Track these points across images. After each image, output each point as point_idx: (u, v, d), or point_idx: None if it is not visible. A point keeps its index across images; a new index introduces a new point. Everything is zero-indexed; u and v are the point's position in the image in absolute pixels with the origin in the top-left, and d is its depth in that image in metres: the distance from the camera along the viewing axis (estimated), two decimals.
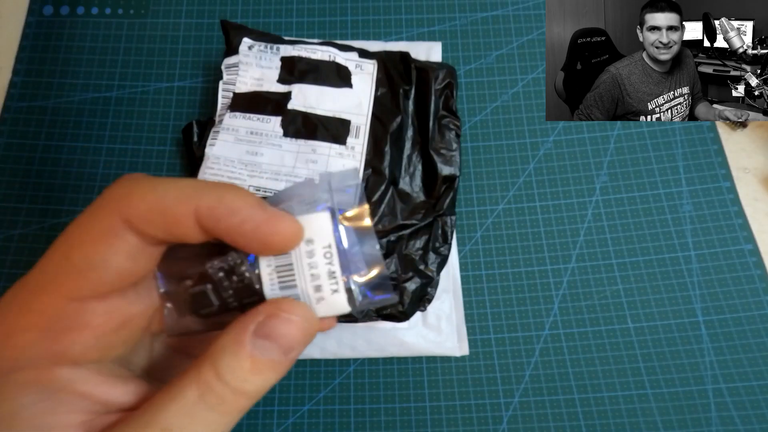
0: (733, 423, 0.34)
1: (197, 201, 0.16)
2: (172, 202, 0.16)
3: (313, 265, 0.17)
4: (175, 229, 0.16)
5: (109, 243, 0.16)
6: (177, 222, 0.16)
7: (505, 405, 0.35)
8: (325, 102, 0.37)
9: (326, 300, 0.18)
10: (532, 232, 0.39)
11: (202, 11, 0.45)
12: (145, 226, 0.16)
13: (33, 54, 0.43)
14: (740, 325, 0.36)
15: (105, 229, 0.16)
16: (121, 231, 0.16)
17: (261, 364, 0.16)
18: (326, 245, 0.17)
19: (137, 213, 0.16)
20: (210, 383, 0.16)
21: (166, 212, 0.16)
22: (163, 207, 0.16)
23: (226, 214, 0.16)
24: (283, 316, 0.17)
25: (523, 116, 0.42)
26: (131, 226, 0.16)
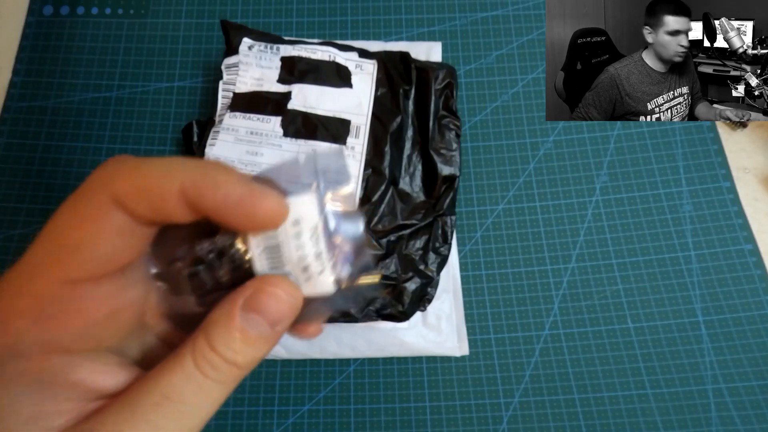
0: (733, 423, 0.34)
1: (181, 177, 0.16)
2: (156, 179, 0.16)
3: (300, 246, 0.18)
4: (162, 207, 0.16)
5: (97, 222, 0.16)
6: (162, 199, 0.16)
7: (505, 405, 0.35)
8: (325, 102, 0.37)
9: (312, 280, 0.18)
10: (532, 232, 0.39)
11: (202, 11, 0.45)
12: (132, 204, 0.16)
13: (33, 54, 0.43)
14: (740, 325, 0.36)
15: (93, 208, 0.16)
16: (109, 210, 0.16)
17: (250, 337, 0.17)
18: (312, 226, 0.18)
19: (124, 191, 0.16)
20: (205, 354, 0.17)
21: (152, 189, 0.16)
22: (148, 184, 0.16)
23: (210, 189, 0.16)
24: (269, 290, 0.17)
25: (523, 116, 0.42)
26: (119, 204, 0.16)
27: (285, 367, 0.36)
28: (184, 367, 0.16)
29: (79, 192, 0.17)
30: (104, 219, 0.16)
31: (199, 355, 0.17)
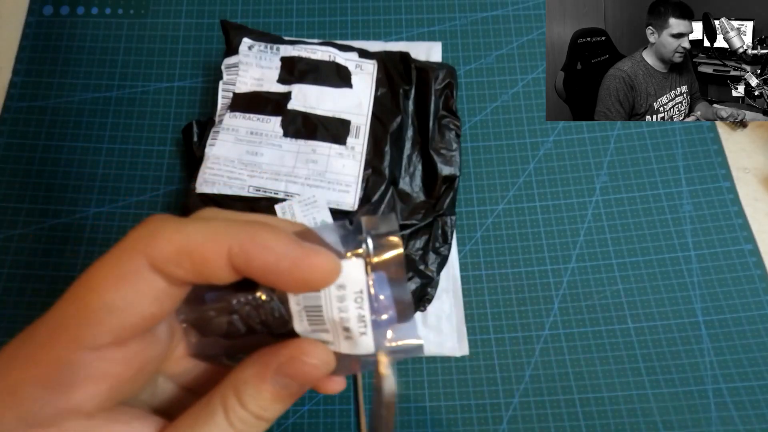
0: (733, 423, 0.34)
1: (229, 240, 0.16)
2: (201, 242, 0.16)
3: (344, 309, 0.17)
4: (205, 270, 0.16)
5: (133, 286, 0.16)
6: (206, 263, 0.16)
7: (505, 405, 0.35)
8: (325, 102, 0.37)
9: (352, 340, 0.18)
10: (532, 232, 0.39)
11: (202, 11, 0.44)
12: (172, 268, 0.16)
13: (33, 54, 0.43)
14: (740, 325, 0.36)
15: (128, 271, 0.16)
16: (145, 273, 0.16)
17: (279, 396, 0.17)
18: (358, 291, 0.17)
19: (163, 254, 0.16)
20: (236, 410, 0.17)
21: (195, 253, 0.16)
22: (191, 248, 0.16)
23: (261, 253, 0.16)
24: (304, 360, 0.17)
25: (523, 116, 0.42)
26: (157, 268, 0.16)
27: None
28: (216, 421, 0.17)
29: (113, 252, 0.16)
30: (139, 283, 0.16)
31: (231, 411, 0.17)
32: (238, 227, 0.16)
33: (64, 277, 0.37)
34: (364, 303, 0.17)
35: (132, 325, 0.16)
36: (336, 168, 0.36)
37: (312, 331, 0.18)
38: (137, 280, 0.16)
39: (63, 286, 0.38)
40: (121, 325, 0.16)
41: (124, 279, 0.16)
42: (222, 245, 0.16)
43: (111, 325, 0.16)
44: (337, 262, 0.17)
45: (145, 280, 0.16)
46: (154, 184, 0.39)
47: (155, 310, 0.16)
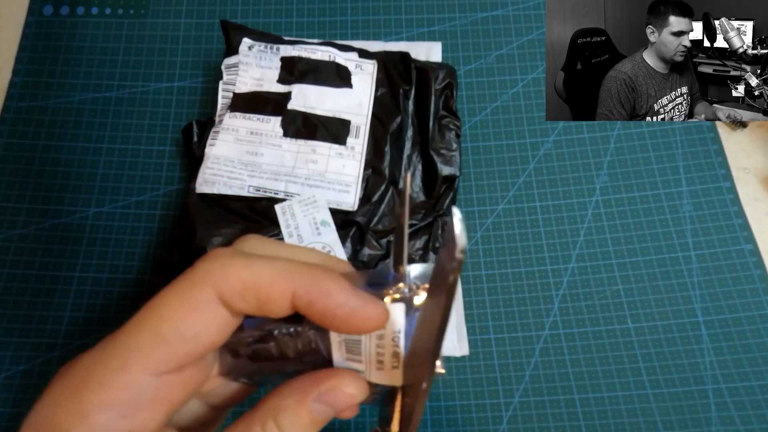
0: (733, 423, 0.34)
1: (294, 283, 0.17)
2: (267, 282, 0.17)
3: (381, 345, 0.19)
4: (266, 307, 0.17)
5: (202, 317, 0.17)
6: (269, 300, 0.17)
7: (505, 405, 0.35)
8: (325, 102, 0.37)
9: (384, 372, 0.19)
10: (532, 232, 0.39)
11: (202, 11, 0.45)
12: (237, 302, 0.17)
13: (33, 54, 0.43)
14: (740, 325, 0.36)
15: (199, 302, 0.17)
16: (213, 305, 0.17)
17: (316, 422, 0.19)
18: (397, 331, 0.19)
19: (232, 289, 0.17)
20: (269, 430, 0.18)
21: (262, 291, 0.17)
22: (258, 285, 0.17)
23: (323, 299, 0.17)
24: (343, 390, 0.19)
25: (523, 116, 0.42)
26: (224, 301, 0.17)
27: None
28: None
29: (183, 284, 0.17)
30: (209, 314, 0.17)
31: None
32: (303, 271, 0.18)
33: (64, 277, 0.37)
34: (400, 342, 0.19)
35: (196, 353, 0.17)
36: (336, 168, 0.36)
37: (346, 360, 0.19)
38: (206, 311, 0.17)
39: (63, 286, 0.39)
40: (188, 352, 0.17)
41: (194, 310, 0.17)
42: (288, 286, 0.17)
43: (179, 352, 0.17)
44: (386, 312, 0.18)
45: (212, 311, 0.17)
46: (154, 184, 0.39)
47: (217, 339, 0.18)
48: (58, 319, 0.36)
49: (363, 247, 0.35)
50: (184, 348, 0.17)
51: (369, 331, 0.18)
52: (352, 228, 0.35)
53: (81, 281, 0.37)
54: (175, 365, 0.17)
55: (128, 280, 0.37)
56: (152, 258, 0.37)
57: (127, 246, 0.38)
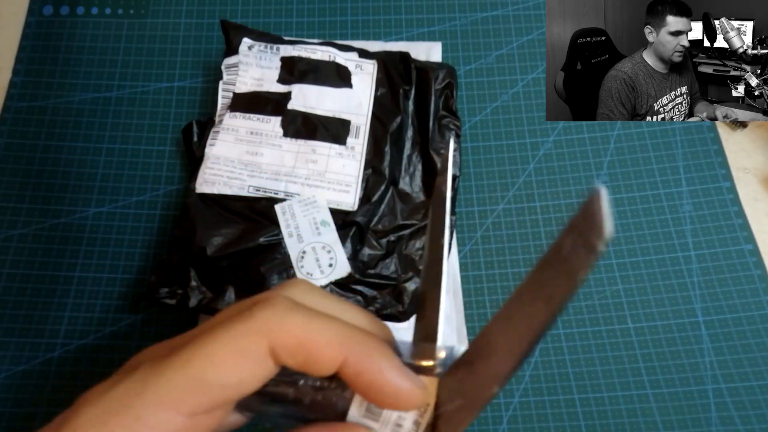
0: (733, 423, 0.34)
1: (348, 350, 0.17)
2: (323, 344, 0.17)
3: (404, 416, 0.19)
4: (313, 367, 0.17)
5: (250, 367, 0.17)
6: (318, 362, 0.17)
7: (505, 405, 0.35)
8: (325, 102, 0.37)
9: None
10: (532, 232, 0.39)
11: (202, 11, 0.44)
12: (286, 357, 0.17)
13: (33, 54, 0.43)
14: (740, 325, 0.36)
15: (252, 354, 0.17)
16: (263, 356, 0.17)
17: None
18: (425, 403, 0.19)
19: (285, 345, 0.17)
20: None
21: (313, 351, 0.17)
22: (312, 346, 0.17)
23: (373, 372, 0.17)
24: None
25: (523, 116, 0.42)
26: (274, 354, 0.17)
27: None
28: None
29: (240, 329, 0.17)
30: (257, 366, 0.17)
31: None
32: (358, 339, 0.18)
33: (64, 277, 0.37)
34: (426, 414, 0.19)
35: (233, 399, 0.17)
36: (336, 168, 0.36)
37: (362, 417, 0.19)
38: (255, 362, 0.17)
39: (63, 286, 0.39)
40: (226, 399, 0.17)
41: (245, 360, 0.17)
42: (341, 352, 0.17)
43: (218, 398, 0.17)
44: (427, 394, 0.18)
45: (261, 363, 0.17)
46: (154, 184, 0.39)
47: (257, 388, 0.17)
48: (58, 319, 0.36)
49: (363, 247, 0.35)
50: (224, 395, 0.17)
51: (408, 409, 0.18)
52: (352, 228, 0.35)
53: (81, 281, 0.37)
54: (210, 409, 0.17)
55: (128, 280, 0.37)
56: (152, 258, 0.37)
57: (127, 246, 0.38)
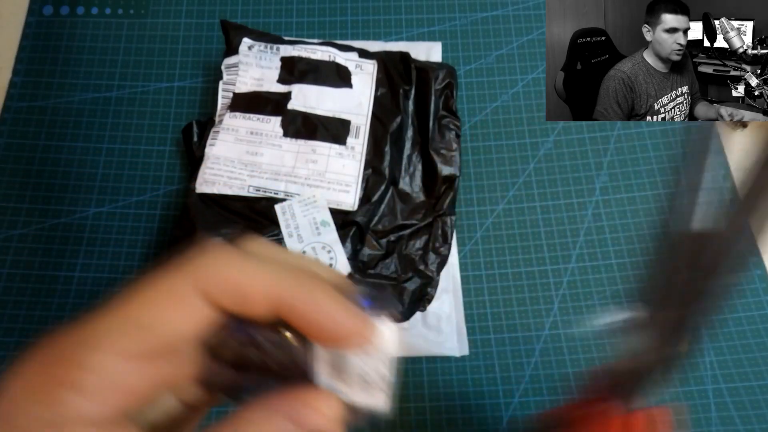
0: (733, 423, 0.34)
1: (282, 290, 0.17)
2: (255, 284, 0.17)
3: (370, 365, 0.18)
4: (248, 306, 0.17)
5: (179, 307, 0.16)
6: (254, 301, 0.17)
7: (505, 405, 0.35)
8: (325, 102, 0.37)
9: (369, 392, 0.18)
10: (532, 232, 0.39)
11: (202, 11, 0.44)
12: (219, 297, 0.17)
13: (33, 54, 0.43)
14: (740, 325, 0.36)
15: (181, 293, 0.16)
16: (193, 298, 0.16)
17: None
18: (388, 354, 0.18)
19: (216, 284, 0.16)
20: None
21: (245, 289, 0.17)
22: (242, 282, 0.17)
23: (310, 307, 0.17)
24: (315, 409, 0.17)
25: (523, 116, 0.42)
26: (205, 294, 0.16)
27: None
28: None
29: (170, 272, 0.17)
30: (188, 307, 0.16)
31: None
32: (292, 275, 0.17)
33: (64, 277, 0.37)
34: (391, 366, 0.18)
35: (170, 343, 0.17)
36: (336, 168, 0.36)
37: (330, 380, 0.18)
38: (186, 303, 0.16)
39: (63, 286, 0.39)
40: (161, 342, 0.16)
41: (174, 300, 0.16)
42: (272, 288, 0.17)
43: (152, 340, 0.16)
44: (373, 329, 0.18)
45: (192, 304, 0.16)
46: (154, 184, 0.39)
47: (193, 333, 0.17)
48: (58, 319, 0.36)
49: (363, 247, 0.35)
50: (157, 336, 0.16)
51: (351, 346, 0.17)
52: (352, 228, 0.35)
53: (81, 281, 0.37)
54: (147, 352, 0.16)
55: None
56: (152, 258, 0.37)
57: (127, 246, 0.38)
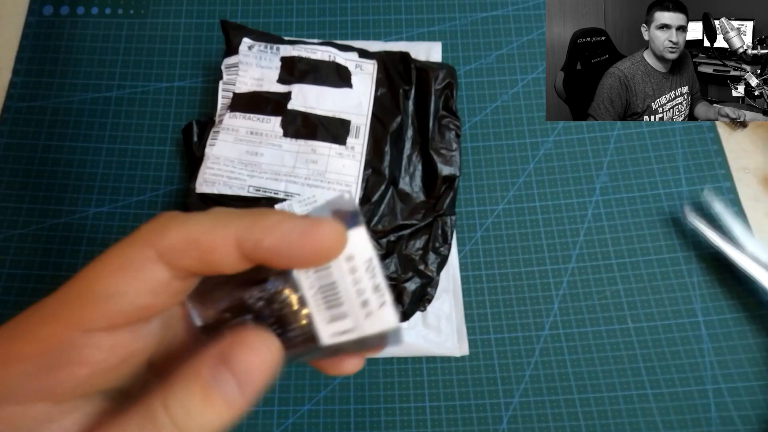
0: (732, 423, 0.34)
1: (236, 226, 0.16)
2: (207, 231, 0.16)
3: (358, 281, 0.17)
4: (212, 258, 0.16)
5: (135, 274, 0.16)
6: (214, 250, 0.16)
7: (505, 405, 0.35)
8: (325, 102, 0.37)
9: (374, 314, 0.17)
10: (532, 232, 0.39)
11: (202, 11, 0.44)
12: (179, 258, 0.16)
13: (33, 54, 0.43)
14: (740, 325, 0.36)
15: (134, 260, 0.16)
16: (151, 264, 0.16)
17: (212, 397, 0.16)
18: (367, 259, 0.17)
19: (171, 245, 0.16)
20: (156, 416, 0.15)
21: (202, 241, 0.16)
22: (197, 236, 0.16)
23: (269, 231, 0.16)
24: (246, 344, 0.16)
25: (523, 116, 0.42)
26: (164, 259, 0.16)
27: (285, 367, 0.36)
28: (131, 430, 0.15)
29: (124, 242, 0.16)
30: (139, 272, 0.16)
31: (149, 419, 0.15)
32: (242, 214, 0.17)
33: (64, 277, 0.37)
34: (376, 270, 0.17)
35: (127, 312, 0.16)
36: (336, 168, 0.36)
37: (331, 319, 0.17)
38: (141, 269, 0.16)
39: None
40: (119, 312, 0.16)
41: (128, 267, 0.16)
42: (229, 232, 0.16)
43: (107, 310, 0.16)
44: (341, 227, 0.17)
45: (149, 270, 0.16)
46: (154, 184, 0.39)
47: (150, 300, 0.16)
48: None
49: None
50: (114, 306, 0.16)
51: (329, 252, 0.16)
52: None
53: None
54: (105, 324, 0.16)
55: None
56: None
57: None
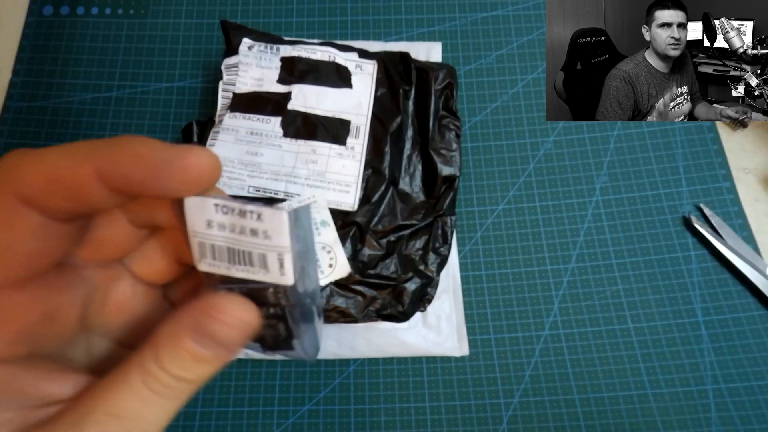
0: (733, 423, 0.34)
1: (95, 158, 0.15)
2: (68, 167, 0.15)
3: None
4: (80, 195, 0.15)
5: (7, 225, 0.15)
6: (79, 186, 0.15)
7: (505, 405, 0.35)
8: (325, 102, 0.37)
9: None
10: (532, 232, 0.39)
11: (202, 11, 0.44)
12: (44, 199, 0.15)
13: (33, 54, 0.43)
14: (740, 325, 0.36)
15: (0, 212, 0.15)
16: (18, 209, 0.15)
17: (200, 355, 0.16)
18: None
19: (31, 186, 0.15)
20: (152, 371, 0.16)
21: (64, 178, 0.15)
22: (58, 173, 0.15)
23: (132, 162, 0.15)
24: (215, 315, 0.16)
25: (523, 116, 0.42)
26: (29, 201, 0.15)
27: (285, 367, 0.36)
28: (131, 384, 0.16)
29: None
30: (14, 221, 0.15)
31: (147, 373, 0.16)
32: (103, 143, 0.15)
33: None
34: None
35: (20, 264, 0.15)
36: (336, 168, 0.36)
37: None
38: (10, 218, 0.15)
39: None
40: (8, 265, 0.15)
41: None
42: (90, 164, 0.15)
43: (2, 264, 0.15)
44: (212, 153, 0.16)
45: (19, 216, 0.15)
46: None
47: (40, 246, 0.15)
48: None
49: (363, 247, 0.35)
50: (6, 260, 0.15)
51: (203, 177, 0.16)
52: (352, 228, 0.35)
53: None
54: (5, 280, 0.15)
55: None
56: None
57: None
